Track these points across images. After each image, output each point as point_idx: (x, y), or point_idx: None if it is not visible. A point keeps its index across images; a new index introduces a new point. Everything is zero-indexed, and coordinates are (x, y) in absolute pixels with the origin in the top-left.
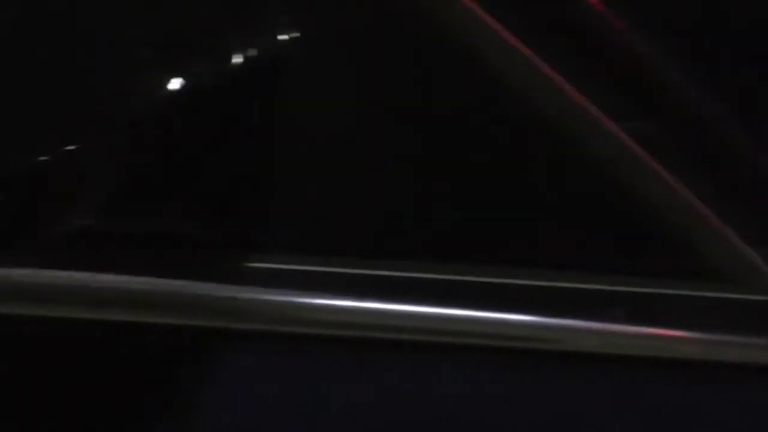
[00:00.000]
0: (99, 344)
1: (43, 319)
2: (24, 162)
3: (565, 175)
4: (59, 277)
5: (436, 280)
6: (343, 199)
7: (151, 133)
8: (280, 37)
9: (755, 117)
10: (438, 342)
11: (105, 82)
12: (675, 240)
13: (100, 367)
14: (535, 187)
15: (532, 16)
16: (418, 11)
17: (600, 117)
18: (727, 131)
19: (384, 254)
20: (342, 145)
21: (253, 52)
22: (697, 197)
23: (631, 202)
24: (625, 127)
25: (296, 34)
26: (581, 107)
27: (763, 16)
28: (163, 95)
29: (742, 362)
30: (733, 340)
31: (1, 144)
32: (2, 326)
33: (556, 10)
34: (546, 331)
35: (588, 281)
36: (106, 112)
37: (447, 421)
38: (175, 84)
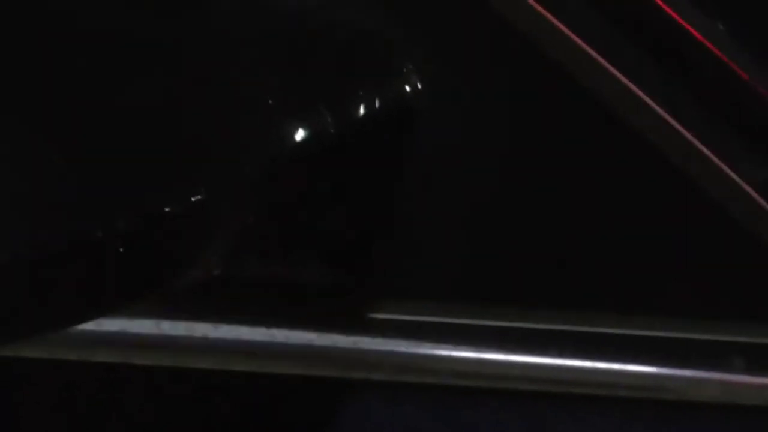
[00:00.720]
0: (224, 394)
1: (166, 369)
2: (149, 210)
3: (687, 221)
4: (179, 327)
5: (551, 330)
6: (475, 247)
7: (281, 181)
8: (408, 88)
9: None
10: (556, 392)
11: (234, 130)
12: None
13: (223, 419)
14: (654, 235)
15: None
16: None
17: (721, 161)
18: None
19: (507, 304)
20: (473, 194)
21: (382, 101)
22: None
23: (754, 249)
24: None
25: (423, 85)
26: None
27: None
28: (291, 144)
29: None
30: None
31: (125, 192)
32: (126, 376)
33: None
34: (666, 380)
35: (708, 331)
36: (235, 160)
37: None
38: (302, 133)
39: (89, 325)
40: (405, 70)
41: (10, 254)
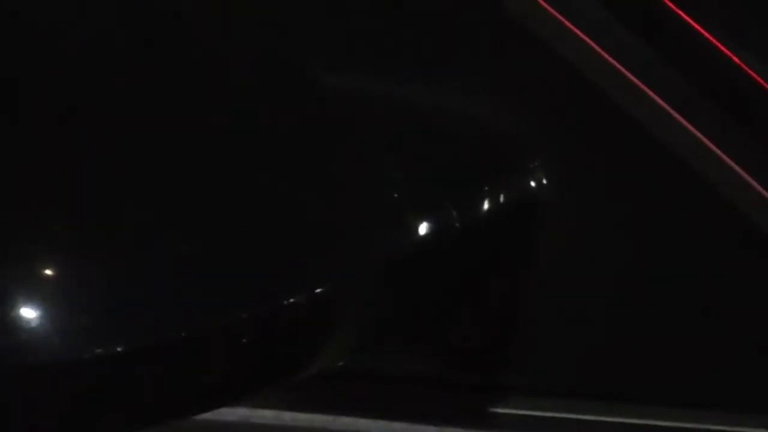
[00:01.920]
0: None
1: None
2: (273, 302)
3: None
4: (300, 419)
5: (671, 428)
6: (599, 342)
7: (405, 275)
8: (533, 184)
9: None
10: None
11: (361, 223)
12: None
13: None
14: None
15: None
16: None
17: None
18: None
19: (630, 400)
20: (598, 288)
21: (507, 197)
22: None
23: None
24: None
25: (545, 180)
26: None
27: None
28: (417, 239)
29: None
30: None
31: (250, 282)
32: None
33: None
34: None
35: None
36: (361, 254)
37: None
38: (427, 228)
39: (210, 415)
40: (530, 166)
41: (135, 342)
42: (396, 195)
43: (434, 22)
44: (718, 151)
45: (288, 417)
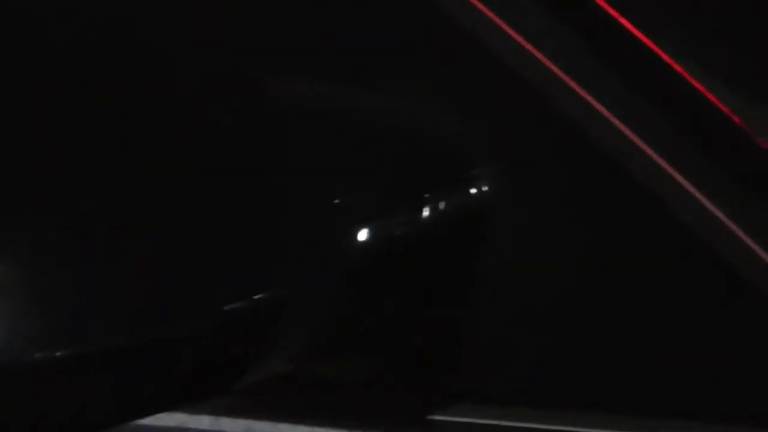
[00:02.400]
0: None
1: None
2: (221, 310)
3: None
4: (238, 424)
5: None
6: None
7: (348, 283)
8: (474, 192)
9: None
10: None
11: (303, 235)
12: None
13: None
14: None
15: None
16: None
17: None
18: None
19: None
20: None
21: (449, 206)
22: None
23: None
24: None
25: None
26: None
27: None
28: (360, 248)
29: None
30: None
31: (197, 290)
32: None
33: None
34: None
35: None
36: (304, 260)
37: None
38: (370, 238)
39: (148, 420)
40: (474, 174)
41: (83, 348)
42: (339, 204)
43: (377, 28)
44: (659, 158)
45: (226, 423)
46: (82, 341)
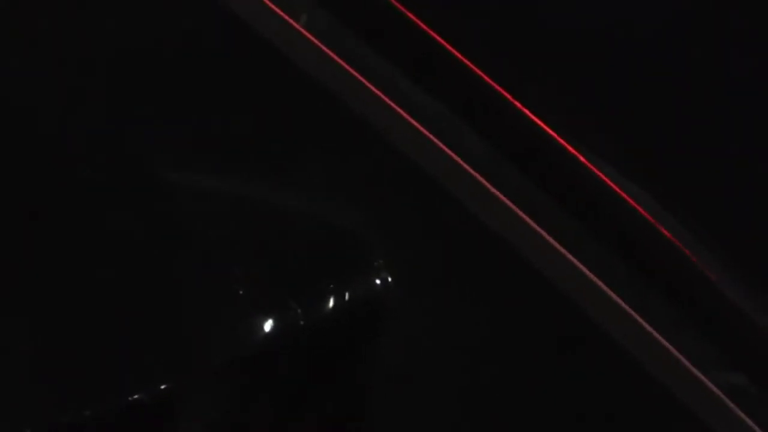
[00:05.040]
0: None
1: None
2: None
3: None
4: None
5: None
6: None
7: (250, 372)
8: (378, 282)
9: None
10: None
11: (204, 323)
12: None
13: None
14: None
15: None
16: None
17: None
18: None
19: None
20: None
21: (352, 295)
22: None
23: None
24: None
25: (391, 278)
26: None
27: None
28: (261, 337)
29: None
30: None
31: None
32: None
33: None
34: None
35: None
36: (204, 352)
37: None
38: (271, 326)
39: None
40: (375, 264)
41: None
42: (240, 294)
43: (277, 122)
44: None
45: None
46: None
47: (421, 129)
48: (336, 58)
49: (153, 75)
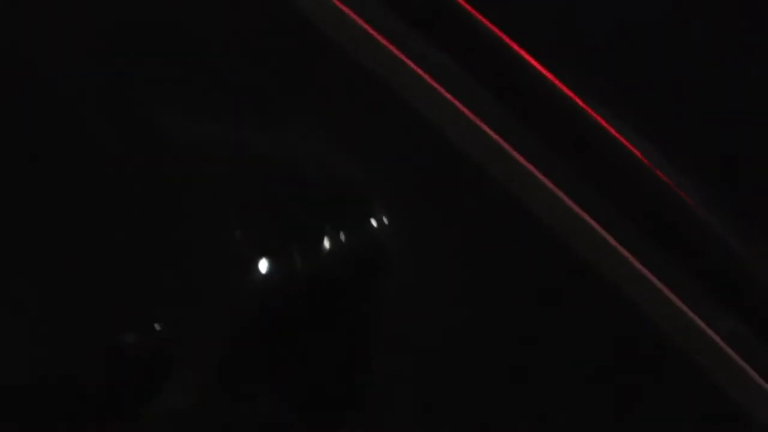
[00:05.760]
0: None
1: None
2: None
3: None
4: None
5: None
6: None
7: (245, 318)
8: (375, 225)
9: None
10: None
11: (204, 270)
12: None
13: None
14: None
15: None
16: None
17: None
18: None
19: None
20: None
21: (348, 240)
22: None
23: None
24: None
25: (389, 223)
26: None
27: None
28: (260, 282)
29: None
30: None
31: (90, 327)
32: None
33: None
34: None
35: None
36: (201, 295)
37: None
38: (270, 271)
39: None
40: (374, 209)
41: None
42: (239, 240)
43: (276, 67)
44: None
45: None
46: None
47: (420, 72)
48: (339, 4)
49: (153, 21)
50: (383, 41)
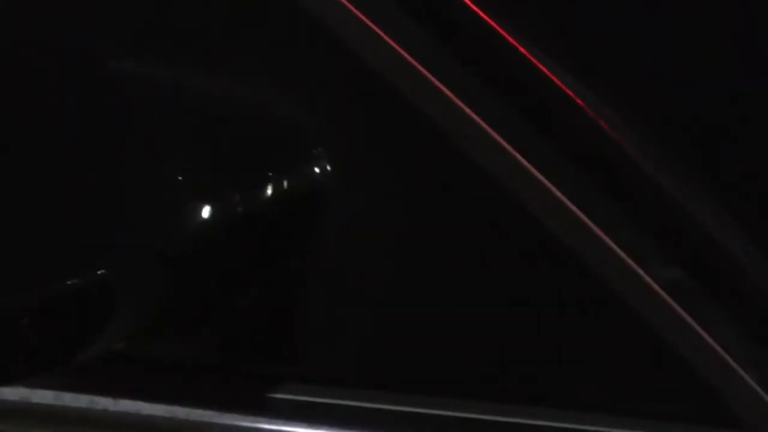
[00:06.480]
0: None
1: None
2: (52, 285)
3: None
4: (80, 400)
5: (457, 418)
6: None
7: (183, 260)
8: (317, 170)
9: None
10: None
11: (140, 210)
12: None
13: None
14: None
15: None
16: None
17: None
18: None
19: (408, 389)
20: (370, 276)
21: (290, 183)
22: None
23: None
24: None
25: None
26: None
27: None
28: (198, 224)
29: None
30: None
31: (30, 267)
32: None
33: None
34: None
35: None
36: (138, 237)
37: None
38: (209, 214)
39: None
40: (314, 153)
41: None
42: (179, 181)
43: (221, 7)
44: (503, 142)
45: (68, 398)
46: None
47: (366, 21)
48: None
49: None
50: None
